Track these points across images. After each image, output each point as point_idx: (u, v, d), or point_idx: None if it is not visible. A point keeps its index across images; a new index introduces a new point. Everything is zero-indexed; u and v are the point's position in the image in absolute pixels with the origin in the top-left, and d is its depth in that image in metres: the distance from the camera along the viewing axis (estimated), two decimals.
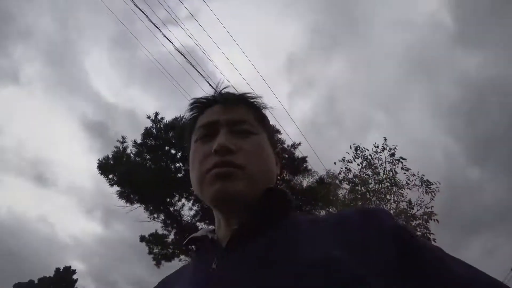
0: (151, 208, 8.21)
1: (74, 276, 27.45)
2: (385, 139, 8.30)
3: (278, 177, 0.64)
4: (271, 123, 0.68)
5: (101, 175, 7.74)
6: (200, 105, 0.63)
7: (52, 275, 26.94)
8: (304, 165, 8.96)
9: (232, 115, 0.59)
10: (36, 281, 26.23)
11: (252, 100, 0.63)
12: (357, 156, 8.39)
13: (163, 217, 8.75)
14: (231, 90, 0.65)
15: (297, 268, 0.40)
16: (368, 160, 8.30)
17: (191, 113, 0.65)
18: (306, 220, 0.52)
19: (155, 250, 9.18)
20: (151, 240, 9.13)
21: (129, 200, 8.12)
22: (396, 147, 8.18)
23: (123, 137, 8.03)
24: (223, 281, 0.44)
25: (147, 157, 7.70)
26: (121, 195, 8.01)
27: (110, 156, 7.80)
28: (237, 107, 0.60)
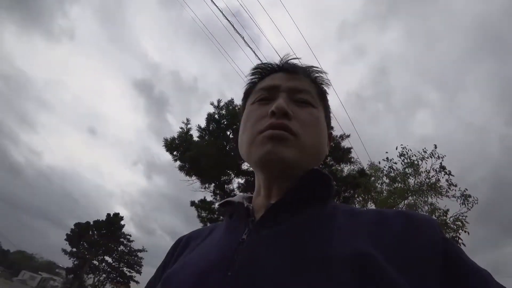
0: (206, 182, 9.38)
1: (122, 222, 30.89)
2: (435, 146, 8.48)
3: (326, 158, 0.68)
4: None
5: (167, 151, 8.92)
6: (262, 71, 0.62)
7: (103, 219, 30.79)
8: (349, 156, 9.49)
9: (295, 83, 0.57)
10: (91, 223, 30.20)
11: (317, 74, 0.61)
12: (402, 159, 8.69)
13: (213, 188, 9.93)
14: (296, 62, 0.62)
15: (328, 260, 0.38)
16: (412, 161, 8.60)
17: (252, 77, 0.63)
18: (344, 211, 0.49)
19: (203, 214, 10.55)
20: (200, 205, 10.47)
21: (188, 174, 9.33)
22: (445, 156, 8.36)
23: (187, 119, 9.03)
24: (250, 255, 0.42)
25: (209, 140, 8.62)
26: (181, 168, 9.22)
27: (175, 136, 8.87)
28: (301, 77, 0.59)
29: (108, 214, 31.20)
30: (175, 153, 8.82)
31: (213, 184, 9.70)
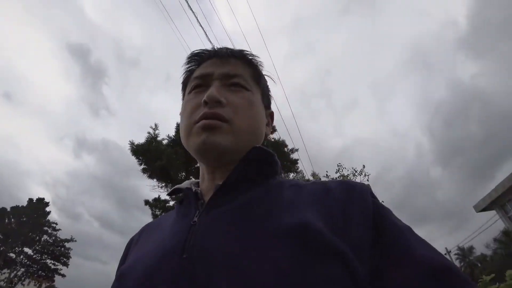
0: (169, 184, 9.85)
1: (47, 209, 27.75)
2: (364, 166, 10.61)
3: (267, 138, 0.64)
4: (267, 83, 0.67)
5: (133, 155, 9.12)
6: (197, 58, 0.64)
7: (23, 205, 27.04)
8: (296, 166, 10.97)
9: (227, 69, 0.59)
10: (8, 209, 26.34)
11: (250, 57, 0.63)
12: (338, 175, 10.62)
13: (170, 187, 10.38)
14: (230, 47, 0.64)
15: (275, 232, 0.40)
16: (345, 176, 10.59)
17: (188, 65, 0.65)
18: (290, 185, 0.52)
19: (157, 213, 10.94)
20: (154, 204, 10.84)
21: (150, 177, 9.64)
22: (370, 174, 10.53)
23: (156, 125, 9.31)
24: (202, 236, 0.43)
25: (178, 151, 9.04)
26: (145, 171, 9.48)
27: (142, 142, 9.10)
28: (234, 61, 0.60)
29: (30, 200, 27.77)
30: (141, 157, 9.06)
31: (170, 184, 10.19)
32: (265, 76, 0.67)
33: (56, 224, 28.29)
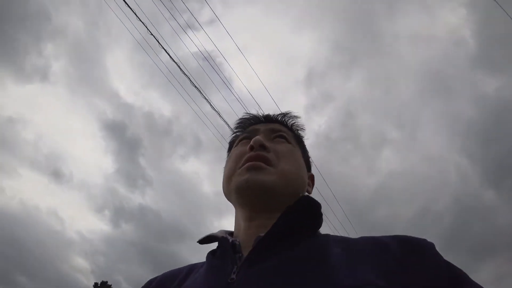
0: None
1: None
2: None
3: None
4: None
5: None
6: (244, 122, 0.67)
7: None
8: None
9: (272, 126, 0.63)
10: None
11: (292, 121, 0.66)
12: None
13: None
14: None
15: None
16: None
17: (236, 130, 0.67)
18: (337, 241, 0.47)
19: None
20: None
21: None
22: None
23: None
24: None
25: None
26: None
27: None
28: (278, 124, 0.64)
29: (96, 284, 27.88)
30: None
31: None
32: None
33: None
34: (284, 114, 0.67)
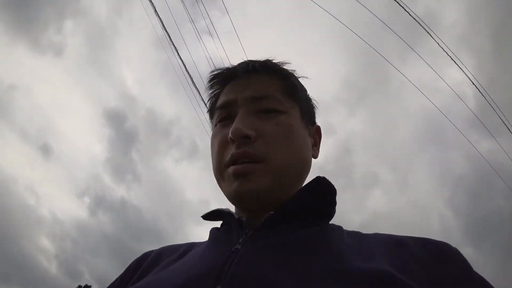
0: None
1: None
2: None
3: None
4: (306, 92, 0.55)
5: None
6: (218, 80, 0.54)
7: None
8: None
9: (253, 91, 0.48)
10: None
11: (278, 68, 0.52)
12: None
13: None
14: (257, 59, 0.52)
15: (345, 273, 0.33)
16: None
17: (211, 91, 0.55)
18: (349, 232, 0.44)
19: None
20: None
21: None
22: None
23: None
24: (245, 266, 0.35)
25: None
26: None
27: None
28: (261, 78, 0.50)
29: (79, 286, 26.25)
30: None
31: None
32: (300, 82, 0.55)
33: None
34: (268, 60, 0.52)
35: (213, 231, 0.49)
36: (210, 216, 0.50)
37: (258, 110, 0.48)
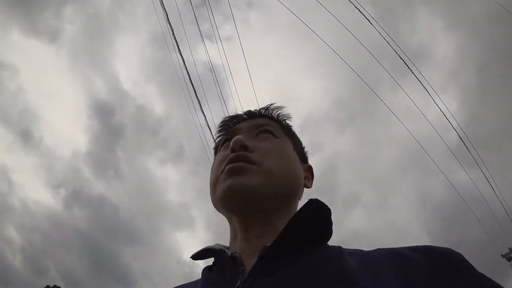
0: None
1: None
2: None
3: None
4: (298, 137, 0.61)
5: None
6: (227, 124, 0.60)
7: None
8: None
9: (254, 122, 0.56)
10: None
11: (277, 112, 0.59)
12: None
13: None
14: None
15: None
16: None
17: (219, 134, 0.60)
18: (350, 253, 0.42)
19: None
20: None
21: None
22: None
23: None
24: None
25: None
26: None
27: None
28: (262, 118, 0.57)
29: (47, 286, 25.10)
30: None
31: None
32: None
33: None
34: (268, 107, 0.60)
35: (205, 272, 0.46)
36: (200, 255, 0.49)
37: (257, 134, 0.54)
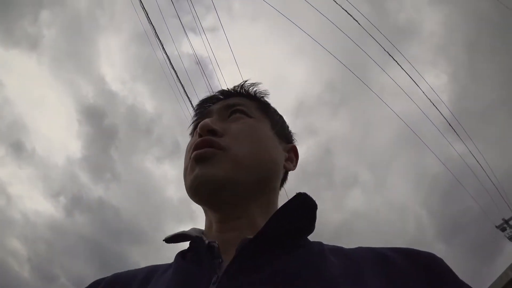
0: None
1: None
2: None
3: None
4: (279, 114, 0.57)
5: None
6: (203, 107, 0.55)
7: None
8: None
9: (226, 102, 0.52)
10: None
11: (252, 88, 0.55)
12: None
13: None
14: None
15: None
16: None
17: (195, 118, 0.56)
18: (331, 250, 0.41)
19: None
20: None
21: None
22: None
23: None
24: None
25: None
26: None
27: None
28: (236, 97, 0.53)
29: None
30: None
31: None
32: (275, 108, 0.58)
33: None
34: (242, 84, 0.55)
35: (178, 258, 0.42)
36: (173, 239, 0.44)
37: (228, 115, 0.50)
